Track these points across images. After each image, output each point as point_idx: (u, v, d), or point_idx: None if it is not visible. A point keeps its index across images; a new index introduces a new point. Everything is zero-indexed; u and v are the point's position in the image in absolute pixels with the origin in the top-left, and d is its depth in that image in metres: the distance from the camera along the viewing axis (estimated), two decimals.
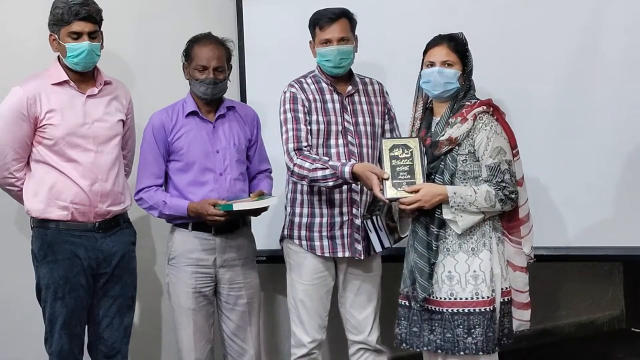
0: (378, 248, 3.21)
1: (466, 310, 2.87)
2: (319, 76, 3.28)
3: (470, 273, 2.88)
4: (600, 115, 3.65)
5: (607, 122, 3.65)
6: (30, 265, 3.14)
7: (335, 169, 3.04)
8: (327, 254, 3.24)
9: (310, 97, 3.24)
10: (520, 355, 4.69)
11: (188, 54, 3.26)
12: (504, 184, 2.87)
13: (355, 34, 3.26)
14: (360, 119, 3.25)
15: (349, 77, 3.29)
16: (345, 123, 3.23)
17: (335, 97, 3.26)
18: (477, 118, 2.89)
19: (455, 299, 2.89)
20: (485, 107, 2.92)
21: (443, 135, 2.92)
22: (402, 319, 3.04)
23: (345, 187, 3.17)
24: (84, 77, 3.12)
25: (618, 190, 3.66)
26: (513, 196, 2.89)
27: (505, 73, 3.72)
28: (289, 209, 3.33)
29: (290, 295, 3.35)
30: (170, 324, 3.37)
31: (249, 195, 3.29)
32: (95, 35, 3.05)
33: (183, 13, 3.89)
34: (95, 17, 3.04)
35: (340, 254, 3.23)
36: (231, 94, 3.71)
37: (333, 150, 3.22)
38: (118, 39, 3.42)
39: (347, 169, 3.01)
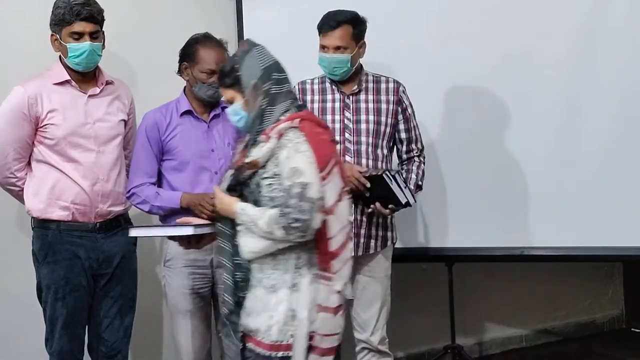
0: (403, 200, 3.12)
1: (257, 351, 2.50)
2: (325, 76, 3.31)
3: (266, 312, 2.47)
4: (601, 115, 3.65)
5: (607, 122, 3.65)
6: (31, 266, 3.14)
7: None
8: None
9: (309, 97, 3.30)
10: (521, 355, 4.70)
11: (190, 55, 3.23)
12: (289, 210, 2.38)
13: (363, 39, 3.23)
14: (363, 117, 3.25)
15: (355, 76, 3.29)
16: (345, 121, 3.25)
17: (337, 96, 3.28)
18: (284, 135, 2.44)
19: (248, 334, 2.53)
20: (292, 122, 2.46)
21: (248, 156, 2.51)
22: None
23: None
24: (86, 77, 3.12)
25: (618, 190, 3.67)
26: (298, 225, 2.37)
27: (506, 72, 3.72)
28: None
29: None
30: (171, 324, 3.37)
31: None
32: (96, 36, 3.05)
33: (183, 13, 3.89)
34: (96, 18, 3.04)
35: None
36: None
37: None
38: (118, 39, 3.42)
39: None
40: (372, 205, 3.14)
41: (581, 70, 3.67)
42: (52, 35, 3.06)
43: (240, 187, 2.51)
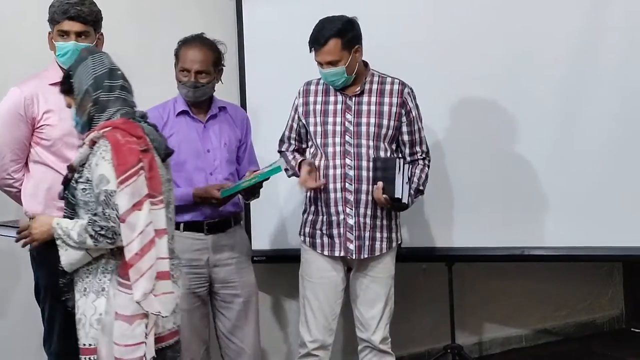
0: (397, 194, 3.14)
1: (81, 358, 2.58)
2: None
3: (79, 316, 2.57)
4: (601, 115, 3.65)
5: (607, 122, 3.65)
6: (30, 266, 3.13)
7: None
8: (326, 253, 3.25)
9: (312, 99, 3.29)
10: (521, 355, 4.70)
11: (176, 55, 3.27)
12: (96, 218, 2.47)
13: (357, 44, 3.16)
14: (364, 119, 3.22)
15: (358, 77, 3.25)
16: (346, 123, 3.23)
17: (339, 98, 3.25)
18: (96, 143, 2.53)
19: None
20: (100, 131, 2.52)
21: None
22: None
23: (339, 186, 3.21)
24: None
25: (618, 190, 3.67)
26: (103, 232, 2.46)
27: (506, 72, 3.72)
28: (304, 206, 3.38)
29: (299, 293, 3.37)
30: None
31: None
32: (84, 36, 3.02)
33: (183, 13, 3.89)
34: (85, 18, 3.00)
35: (337, 253, 3.24)
36: (230, 94, 3.72)
37: (330, 149, 3.24)
38: (118, 39, 3.42)
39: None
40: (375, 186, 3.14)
41: (581, 70, 3.67)
42: (49, 33, 3.06)
43: (65, 191, 2.59)
